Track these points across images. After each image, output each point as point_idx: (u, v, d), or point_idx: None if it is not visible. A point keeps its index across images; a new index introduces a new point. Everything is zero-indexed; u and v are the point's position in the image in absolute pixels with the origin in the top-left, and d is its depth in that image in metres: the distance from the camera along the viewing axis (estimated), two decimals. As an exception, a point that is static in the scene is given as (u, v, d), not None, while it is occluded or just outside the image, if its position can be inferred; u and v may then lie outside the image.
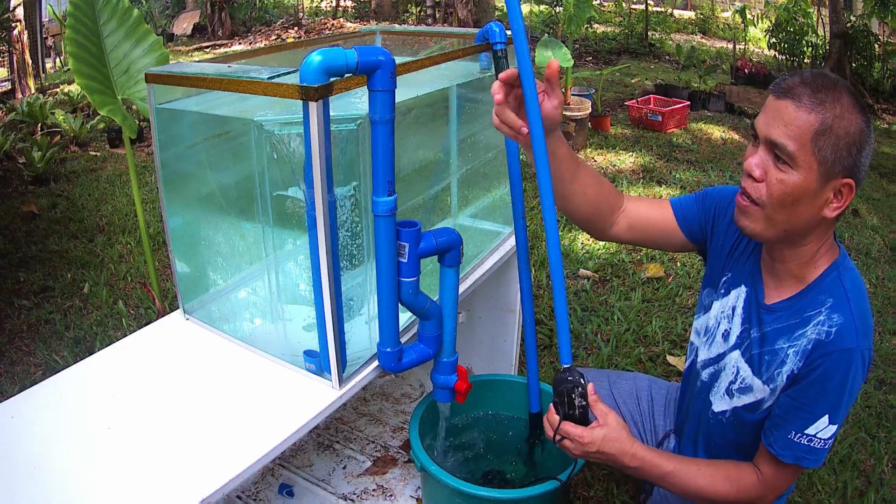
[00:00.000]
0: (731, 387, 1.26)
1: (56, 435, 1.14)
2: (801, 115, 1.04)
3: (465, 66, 1.61)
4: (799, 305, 1.16)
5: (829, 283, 1.15)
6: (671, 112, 5.24)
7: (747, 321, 1.25)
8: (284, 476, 1.75)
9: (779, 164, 1.07)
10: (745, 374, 1.24)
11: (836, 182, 1.06)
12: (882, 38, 7.28)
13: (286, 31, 10.61)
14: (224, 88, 1.15)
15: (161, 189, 1.40)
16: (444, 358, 1.34)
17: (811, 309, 1.14)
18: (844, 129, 1.04)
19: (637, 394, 1.60)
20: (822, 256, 1.16)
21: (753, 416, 1.23)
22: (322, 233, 1.09)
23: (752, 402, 1.23)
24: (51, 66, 8.23)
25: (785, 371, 1.16)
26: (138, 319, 2.60)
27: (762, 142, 1.10)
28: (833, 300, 1.13)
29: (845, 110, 1.05)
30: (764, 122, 1.09)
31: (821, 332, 1.12)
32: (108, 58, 2.07)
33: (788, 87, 1.07)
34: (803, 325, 1.14)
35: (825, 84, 1.06)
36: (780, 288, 1.20)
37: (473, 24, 7.39)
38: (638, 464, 1.18)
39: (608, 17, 11.72)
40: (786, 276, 1.19)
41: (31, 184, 4.11)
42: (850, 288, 1.14)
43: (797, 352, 1.14)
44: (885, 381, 2.29)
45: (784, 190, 1.07)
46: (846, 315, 1.11)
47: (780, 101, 1.07)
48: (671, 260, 3.14)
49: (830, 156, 1.04)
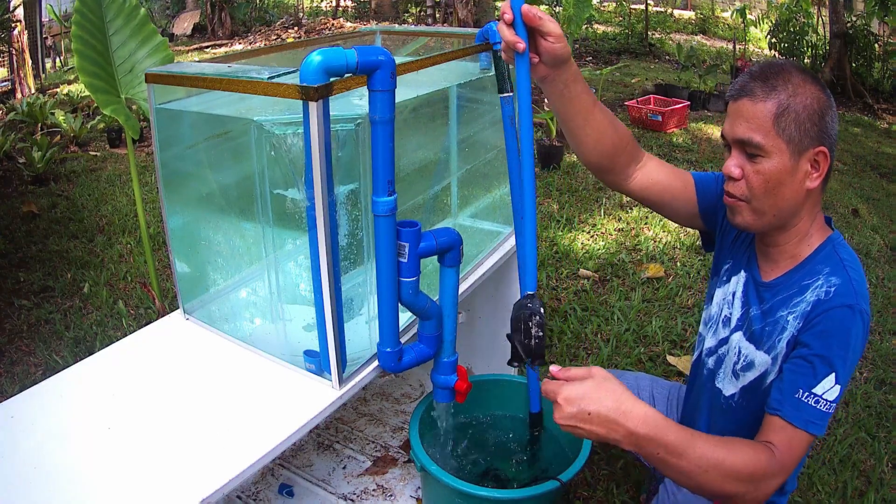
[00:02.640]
0: (736, 367, 1.28)
1: (56, 435, 1.14)
2: (758, 107, 1.10)
3: (465, 66, 1.61)
4: (796, 277, 1.19)
5: (825, 255, 1.18)
6: (671, 112, 5.24)
7: (746, 303, 1.28)
8: (284, 476, 1.75)
9: (752, 160, 1.13)
10: (746, 350, 1.25)
11: (810, 153, 1.12)
12: (882, 38, 7.28)
13: (286, 31, 10.61)
14: (224, 88, 1.15)
15: (161, 189, 1.40)
16: (444, 358, 1.34)
17: (809, 278, 1.17)
18: (801, 103, 1.09)
19: (639, 393, 1.60)
20: (814, 234, 1.20)
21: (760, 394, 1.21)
22: (322, 233, 1.09)
23: (757, 377, 1.23)
24: (51, 66, 8.23)
25: (785, 336, 1.17)
26: (138, 319, 2.60)
27: (732, 144, 1.16)
28: (830, 268, 1.16)
29: (797, 87, 1.10)
30: (728, 126, 1.16)
31: (819, 294, 1.14)
32: (113, 56, 2.06)
33: (740, 86, 1.14)
34: (801, 293, 1.17)
35: (773, 70, 1.12)
36: (777, 267, 1.23)
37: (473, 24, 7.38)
38: (643, 431, 0.99)
39: (608, 17, 11.72)
40: (780, 256, 1.22)
41: (31, 184, 4.11)
42: (846, 257, 1.17)
43: (797, 316, 1.16)
44: (885, 381, 2.29)
45: (764, 179, 1.12)
46: (843, 278, 1.14)
47: (736, 102, 1.14)
48: (671, 260, 3.14)
49: (796, 132, 1.10)
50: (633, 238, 3.37)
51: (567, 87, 1.20)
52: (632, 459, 1.88)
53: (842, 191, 4.26)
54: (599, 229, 3.47)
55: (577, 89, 1.21)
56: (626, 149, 1.30)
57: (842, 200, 4.06)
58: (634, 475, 1.84)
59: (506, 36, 1.14)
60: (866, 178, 4.65)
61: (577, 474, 1.37)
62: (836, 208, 3.92)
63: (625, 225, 3.52)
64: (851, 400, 2.17)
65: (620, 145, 1.29)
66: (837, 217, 3.77)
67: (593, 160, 1.31)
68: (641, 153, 1.34)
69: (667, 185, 1.35)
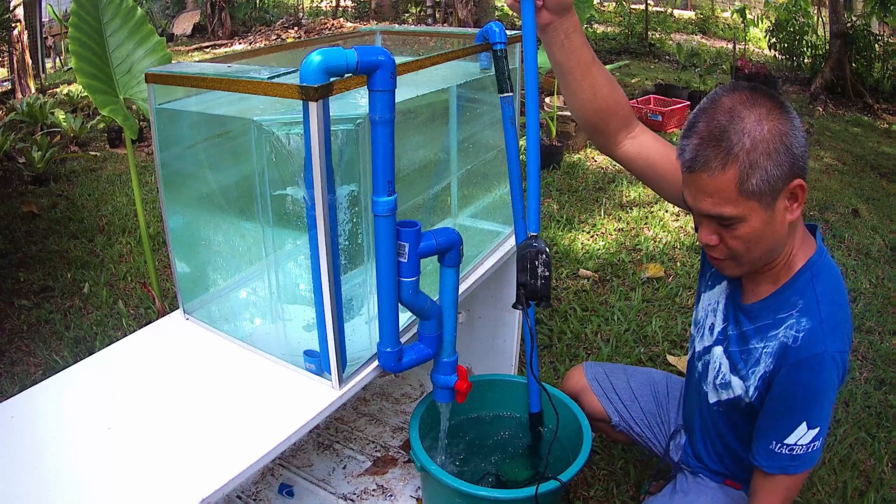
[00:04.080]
0: (716, 381, 1.29)
1: (56, 435, 1.14)
2: (717, 179, 1.02)
3: (465, 66, 1.61)
4: (774, 306, 1.17)
5: (802, 283, 1.14)
6: (671, 112, 5.24)
7: (726, 318, 1.27)
8: (284, 476, 1.75)
9: (727, 228, 1.07)
10: (724, 370, 1.26)
11: (784, 193, 1.04)
12: (882, 38, 7.28)
13: (286, 31, 10.61)
14: (224, 88, 1.15)
15: (161, 189, 1.40)
16: (444, 358, 1.34)
17: (784, 311, 1.15)
18: (763, 152, 1.00)
19: (653, 387, 1.60)
20: (796, 254, 1.15)
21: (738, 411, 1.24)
22: (322, 233, 1.09)
23: (732, 398, 1.24)
24: (51, 66, 8.22)
25: (759, 371, 1.17)
26: (138, 319, 2.60)
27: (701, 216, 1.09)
28: (803, 302, 1.12)
29: (752, 134, 1.00)
30: (692, 199, 1.08)
31: (788, 336, 1.12)
32: (111, 57, 2.06)
33: (693, 157, 1.04)
34: (776, 327, 1.15)
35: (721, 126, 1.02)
36: (757, 289, 1.21)
37: (473, 24, 7.38)
38: None
39: (608, 17, 11.72)
40: (762, 279, 1.20)
41: (31, 184, 4.11)
42: (821, 291, 1.12)
43: (769, 353, 1.15)
44: (885, 381, 2.29)
45: (744, 240, 1.07)
46: (814, 320, 1.10)
47: (694, 175, 1.05)
48: (671, 260, 3.14)
49: (766, 186, 1.02)
50: (633, 238, 3.37)
51: (568, 38, 1.20)
52: (632, 459, 1.88)
53: (842, 191, 4.26)
54: (599, 229, 3.47)
55: (577, 41, 1.21)
56: (619, 113, 1.29)
57: (842, 200, 4.06)
58: (634, 475, 1.84)
59: None
60: (866, 178, 4.65)
61: (577, 474, 1.37)
62: (837, 208, 3.92)
63: (625, 225, 3.52)
64: (851, 400, 2.17)
65: (615, 108, 1.28)
66: (837, 217, 3.77)
67: (587, 116, 1.29)
68: (636, 123, 1.33)
69: (655, 160, 1.31)
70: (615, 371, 1.65)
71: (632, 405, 1.59)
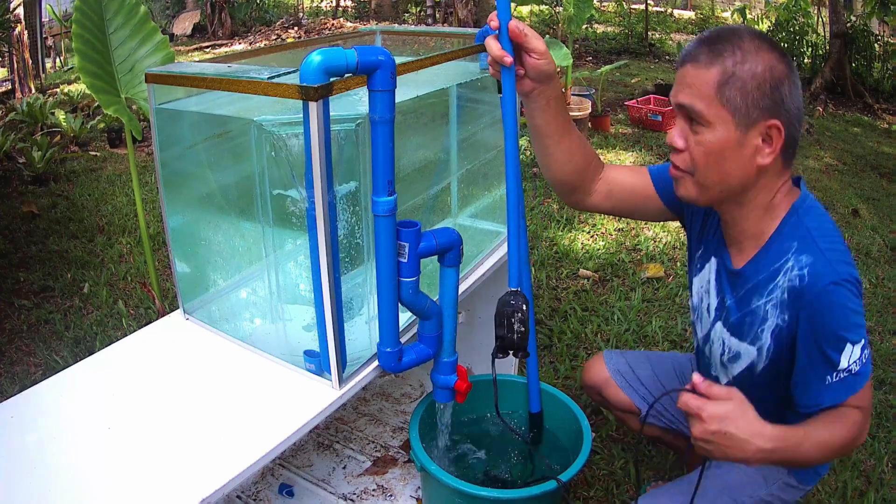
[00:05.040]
0: (723, 358, 1.26)
1: (56, 435, 1.14)
2: (701, 73, 1.05)
3: (465, 66, 1.61)
4: (764, 261, 1.14)
5: (790, 228, 1.12)
6: (671, 112, 5.23)
7: (720, 291, 1.25)
8: (284, 476, 1.75)
9: (694, 127, 1.08)
10: (729, 342, 1.23)
11: (760, 127, 1.05)
12: (882, 38, 7.28)
13: (286, 31, 10.61)
14: (224, 88, 1.15)
15: (161, 189, 1.40)
16: (444, 358, 1.34)
17: (777, 260, 1.12)
18: (749, 71, 1.03)
19: (678, 372, 1.58)
20: (777, 206, 1.13)
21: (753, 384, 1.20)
22: (322, 233, 1.09)
23: (743, 369, 1.22)
24: (51, 66, 8.22)
25: (768, 327, 1.14)
26: (138, 319, 2.60)
27: (676, 111, 1.11)
28: (797, 243, 1.10)
29: (747, 54, 1.03)
30: (673, 92, 1.11)
31: (793, 279, 1.09)
32: (113, 55, 2.04)
33: (687, 51, 1.08)
34: (773, 278, 1.12)
35: (722, 36, 1.06)
36: (743, 251, 1.19)
37: (473, 24, 7.38)
38: (772, 445, 1.02)
39: (608, 17, 11.72)
40: (744, 238, 1.18)
41: (31, 184, 4.11)
42: (813, 227, 1.10)
43: (775, 304, 1.12)
44: (885, 381, 2.29)
45: (705, 151, 1.07)
46: (815, 253, 1.08)
47: (682, 68, 1.09)
48: (671, 260, 3.14)
49: (741, 103, 1.03)
50: (633, 238, 3.37)
51: (549, 104, 1.22)
52: (632, 459, 1.88)
53: (842, 191, 4.26)
54: (599, 229, 3.47)
55: (558, 107, 1.23)
56: (591, 165, 1.32)
57: (842, 200, 4.06)
58: (634, 475, 1.84)
59: (493, 50, 1.16)
60: (866, 178, 4.65)
61: (577, 474, 1.37)
62: (837, 208, 3.92)
63: (625, 225, 3.52)
64: (851, 400, 2.17)
65: (587, 163, 1.31)
66: (837, 217, 3.77)
67: (563, 177, 1.31)
68: (601, 164, 1.34)
69: (627, 185, 1.34)
70: (638, 360, 1.61)
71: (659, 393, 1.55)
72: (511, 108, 1.22)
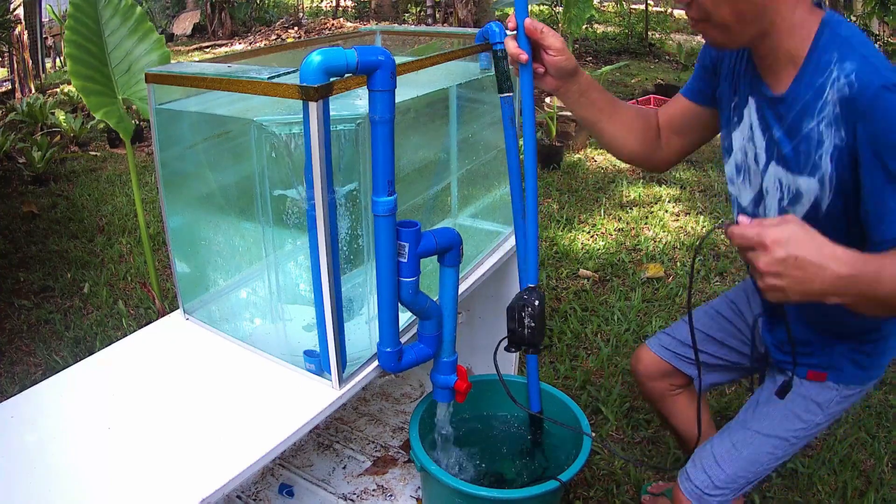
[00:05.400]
0: (782, 204, 1.14)
1: (56, 435, 1.14)
2: None
3: (465, 66, 1.61)
4: (807, 80, 1.06)
5: (825, 42, 1.05)
6: (671, 112, 5.24)
7: (767, 127, 1.14)
8: (284, 476, 1.75)
9: None
10: (787, 181, 1.11)
11: None
12: (882, 38, 7.28)
13: (286, 31, 10.61)
14: (224, 88, 1.15)
15: (161, 189, 1.40)
16: (443, 358, 1.34)
17: (820, 75, 1.04)
18: None
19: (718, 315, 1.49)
20: (804, 23, 1.06)
21: (819, 225, 0.98)
22: (322, 233, 1.09)
23: (809, 208, 1.10)
24: (51, 66, 8.22)
25: (826, 150, 1.04)
26: (138, 319, 2.60)
27: None
28: (837, 52, 1.02)
29: None
30: None
31: (842, 88, 1.00)
32: (110, 57, 2.05)
33: None
34: (821, 94, 1.03)
35: None
36: (781, 78, 1.11)
37: (473, 24, 7.39)
38: (850, 270, 0.89)
39: (608, 17, 11.72)
40: (780, 66, 1.09)
41: (31, 184, 4.12)
42: (849, 35, 1.03)
43: (829, 123, 1.03)
44: (885, 381, 2.29)
45: None
46: (857, 59, 1.00)
47: None
48: (671, 260, 3.14)
49: None
50: (633, 238, 3.37)
51: (583, 95, 1.24)
52: (632, 459, 1.88)
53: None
54: (599, 229, 3.47)
55: (593, 96, 1.24)
56: (651, 125, 1.33)
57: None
58: (634, 475, 1.84)
59: (510, 48, 1.20)
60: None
61: (577, 474, 1.37)
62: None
63: (625, 225, 3.52)
64: (851, 400, 2.17)
65: (647, 127, 1.32)
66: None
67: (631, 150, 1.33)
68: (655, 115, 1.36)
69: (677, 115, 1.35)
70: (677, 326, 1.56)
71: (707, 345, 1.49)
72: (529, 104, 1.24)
